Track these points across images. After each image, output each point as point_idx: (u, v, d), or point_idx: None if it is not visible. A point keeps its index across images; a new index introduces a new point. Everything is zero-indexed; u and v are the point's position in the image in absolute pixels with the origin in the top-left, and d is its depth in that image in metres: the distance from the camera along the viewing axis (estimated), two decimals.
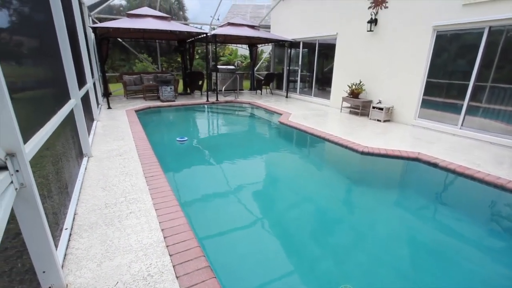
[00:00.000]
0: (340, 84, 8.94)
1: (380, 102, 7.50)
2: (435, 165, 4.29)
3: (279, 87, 13.06)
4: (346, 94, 8.38)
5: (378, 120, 7.27)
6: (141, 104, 8.95)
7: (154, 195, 2.96)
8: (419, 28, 6.41)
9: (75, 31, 5.20)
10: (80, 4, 6.74)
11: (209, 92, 10.21)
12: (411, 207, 3.51)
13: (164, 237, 2.28)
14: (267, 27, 13.45)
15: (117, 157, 4.12)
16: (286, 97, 11.68)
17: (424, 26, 6.29)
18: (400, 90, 7.07)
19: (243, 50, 17.48)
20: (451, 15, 5.79)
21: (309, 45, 10.74)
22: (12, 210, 1.32)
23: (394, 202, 3.67)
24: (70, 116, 3.55)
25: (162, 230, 2.38)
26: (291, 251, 2.58)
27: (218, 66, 12.63)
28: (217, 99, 9.98)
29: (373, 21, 7.40)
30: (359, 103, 7.78)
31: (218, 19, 14.50)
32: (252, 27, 11.00)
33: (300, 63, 11.26)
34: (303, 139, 6.19)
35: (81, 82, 4.80)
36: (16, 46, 2.28)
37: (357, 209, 3.45)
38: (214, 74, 11.74)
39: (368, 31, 7.58)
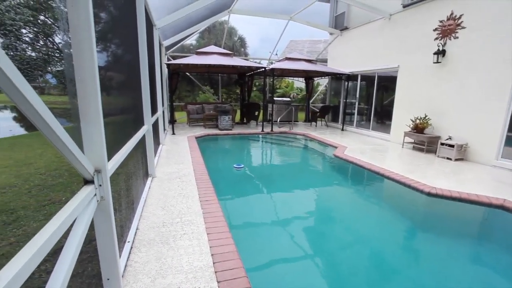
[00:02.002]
0: (401, 118, 8.39)
1: (450, 138, 6.76)
2: None
3: (335, 119, 12.83)
4: (409, 129, 7.78)
5: (448, 159, 6.51)
6: (201, 131, 9.65)
7: (207, 219, 3.06)
8: (499, 57, 5.78)
9: (154, 67, 6.04)
10: (160, 45, 7.86)
11: (264, 123, 10.55)
12: (495, 265, 2.94)
13: (214, 263, 2.31)
14: (324, 60, 13.65)
15: (177, 179, 4.43)
16: (342, 130, 11.37)
17: (506, 55, 5.66)
18: (476, 125, 6.30)
19: (299, 82, 17.89)
20: None
21: (367, 78, 10.49)
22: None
23: (471, 256, 3.13)
24: (142, 139, 4.01)
25: (212, 255, 2.41)
26: None
27: (274, 98, 13.08)
28: (271, 130, 10.21)
29: (441, 52, 6.95)
30: (424, 139, 7.12)
31: (276, 54, 15.32)
32: (309, 61, 11.30)
33: (357, 95, 11.00)
34: (359, 175, 5.84)
35: (154, 110, 5.44)
36: (108, 80, 2.75)
37: (422, 259, 3.02)
38: (270, 105, 12.17)
39: (434, 62, 7.12)
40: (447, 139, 6.76)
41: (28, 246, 0.82)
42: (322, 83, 15.89)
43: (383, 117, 9.82)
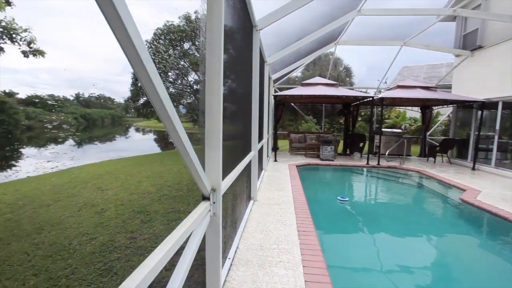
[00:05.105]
0: None
1: None
2: None
3: (461, 155, 10.58)
4: None
5: None
6: (302, 160, 9.73)
7: (304, 250, 2.97)
8: None
9: (263, 98, 6.63)
10: (269, 78, 8.62)
11: (370, 155, 9.73)
12: None
13: None
14: (447, 87, 11.77)
15: (276, 205, 4.55)
16: (473, 169, 9.21)
17: None
18: None
19: (412, 112, 15.91)
20: None
21: None
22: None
23: None
24: (248, 164, 4.36)
25: None
26: None
27: (383, 129, 12.00)
28: (378, 163, 9.29)
29: None
30: None
31: (385, 82, 14.27)
32: (427, 88, 9.97)
33: (497, 127, 8.80)
34: (500, 229, 4.49)
35: (260, 137, 5.89)
36: (225, 109, 3.18)
37: None
38: (377, 137, 11.24)
39: None
40: None
41: (161, 245, 1.01)
42: (444, 112, 13.60)
43: None
